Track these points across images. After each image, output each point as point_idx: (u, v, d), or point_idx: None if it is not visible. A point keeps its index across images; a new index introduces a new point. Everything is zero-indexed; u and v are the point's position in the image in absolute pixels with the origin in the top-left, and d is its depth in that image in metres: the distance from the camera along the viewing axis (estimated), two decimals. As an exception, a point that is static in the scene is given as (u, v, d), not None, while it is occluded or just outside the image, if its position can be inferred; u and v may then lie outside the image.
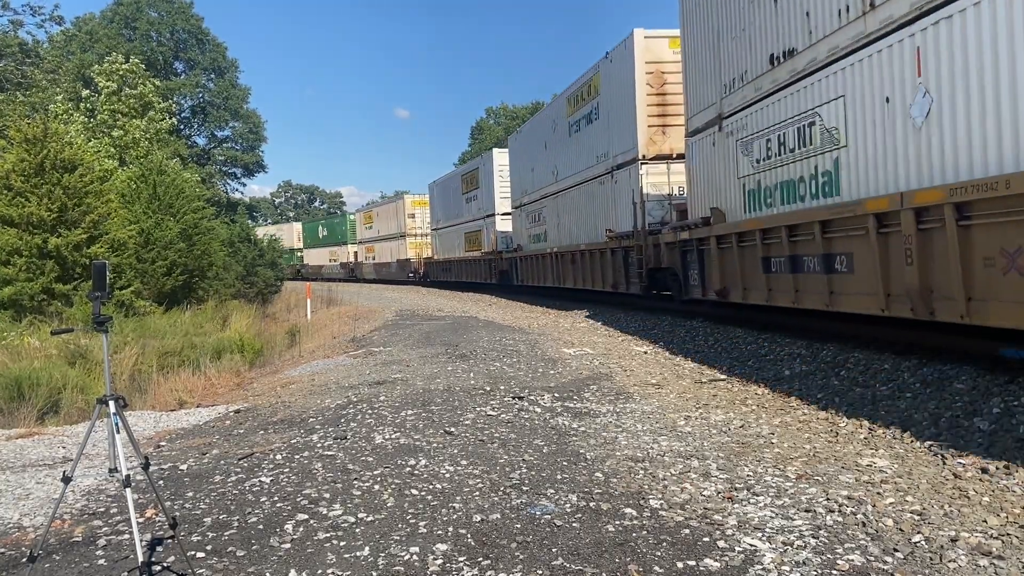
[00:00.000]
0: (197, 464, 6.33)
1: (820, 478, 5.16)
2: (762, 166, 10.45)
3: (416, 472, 5.68)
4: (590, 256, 19.52)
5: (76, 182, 17.46)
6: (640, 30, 16.19)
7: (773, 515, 4.49)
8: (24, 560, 4.21)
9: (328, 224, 64.86)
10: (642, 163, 16.09)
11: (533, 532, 4.40)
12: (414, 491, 5.23)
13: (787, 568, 3.77)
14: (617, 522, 4.50)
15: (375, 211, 52.48)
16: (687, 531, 4.32)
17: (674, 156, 15.73)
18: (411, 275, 43.60)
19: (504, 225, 29.59)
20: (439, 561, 4.05)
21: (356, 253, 56.12)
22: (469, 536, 4.38)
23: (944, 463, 5.36)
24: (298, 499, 5.17)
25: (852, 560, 3.83)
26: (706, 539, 4.19)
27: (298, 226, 73.96)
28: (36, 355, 13.11)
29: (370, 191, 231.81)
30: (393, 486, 5.36)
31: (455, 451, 6.24)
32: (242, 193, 67.75)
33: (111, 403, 3.85)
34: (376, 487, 5.35)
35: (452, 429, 7.01)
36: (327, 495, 5.22)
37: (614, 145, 17.65)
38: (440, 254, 39.95)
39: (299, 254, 69.40)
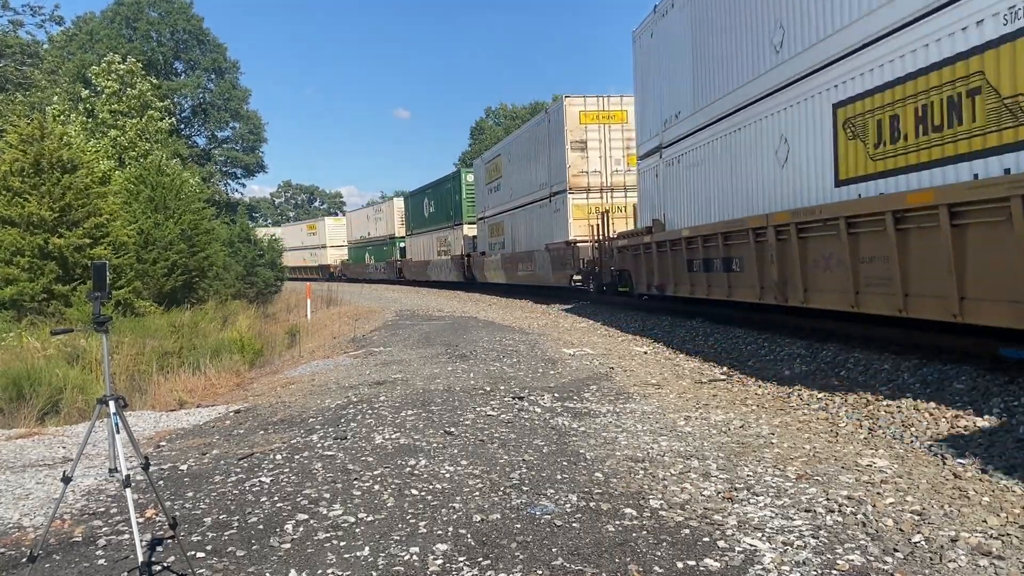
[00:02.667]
0: (197, 464, 6.33)
1: (820, 478, 5.16)
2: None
3: (416, 472, 5.68)
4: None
5: (79, 182, 17.44)
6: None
7: (773, 515, 4.50)
8: (24, 560, 4.21)
9: (436, 194, 39.32)
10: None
11: (533, 532, 4.40)
12: (414, 491, 5.23)
13: (787, 568, 3.77)
14: (617, 522, 4.50)
15: (502, 154, 29.22)
16: (687, 531, 4.32)
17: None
18: (576, 278, 21.91)
19: None
20: (439, 561, 4.05)
21: (474, 238, 33.74)
22: (469, 536, 4.38)
23: (944, 463, 5.36)
24: (298, 499, 5.17)
25: (852, 560, 3.83)
26: (706, 539, 4.19)
27: (399, 204, 47.75)
28: (36, 355, 13.10)
29: (370, 191, 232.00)
30: (393, 486, 5.36)
31: (455, 451, 6.24)
32: (242, 193, 67.77)
33: (111, 403, 3.85)
34: (376, 487, 5.35)
35: (452, 429, 7.01)
36: (327, 495, 5.22)
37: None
38: (671, 218, 14.83)
39: (401, 244, 46.55)
